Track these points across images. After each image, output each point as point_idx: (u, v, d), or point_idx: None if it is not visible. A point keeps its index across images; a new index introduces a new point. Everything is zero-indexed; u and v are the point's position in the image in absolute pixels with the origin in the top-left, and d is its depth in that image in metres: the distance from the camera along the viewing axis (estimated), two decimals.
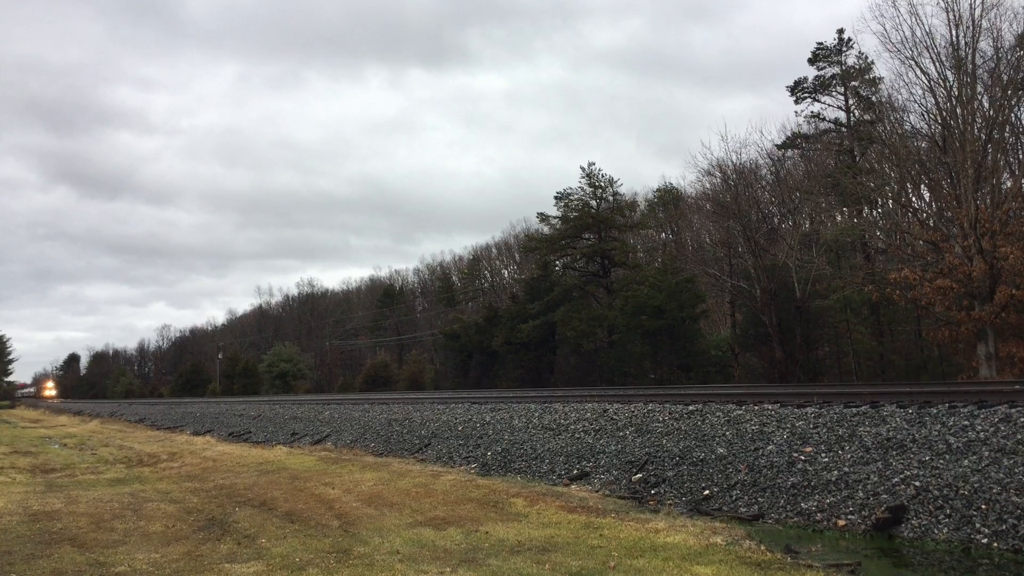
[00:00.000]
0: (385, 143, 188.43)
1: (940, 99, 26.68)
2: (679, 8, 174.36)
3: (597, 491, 11.43)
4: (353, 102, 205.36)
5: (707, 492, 10.53)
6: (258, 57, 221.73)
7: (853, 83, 40.65)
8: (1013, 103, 27.62)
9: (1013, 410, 9.78)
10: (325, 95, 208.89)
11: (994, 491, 8.18)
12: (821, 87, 41.65)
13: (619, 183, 51.83)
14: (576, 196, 51.32)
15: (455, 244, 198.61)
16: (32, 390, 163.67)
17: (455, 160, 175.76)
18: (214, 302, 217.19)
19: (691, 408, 13.94)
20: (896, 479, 9.03)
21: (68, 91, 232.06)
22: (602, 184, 51.04)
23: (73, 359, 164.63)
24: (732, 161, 39.02)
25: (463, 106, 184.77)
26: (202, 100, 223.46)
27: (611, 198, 51.54)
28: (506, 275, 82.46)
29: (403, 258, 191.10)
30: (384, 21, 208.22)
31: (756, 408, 12.92)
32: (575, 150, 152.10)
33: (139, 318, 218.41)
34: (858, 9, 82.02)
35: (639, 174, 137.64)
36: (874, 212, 37.53)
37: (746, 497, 10.04)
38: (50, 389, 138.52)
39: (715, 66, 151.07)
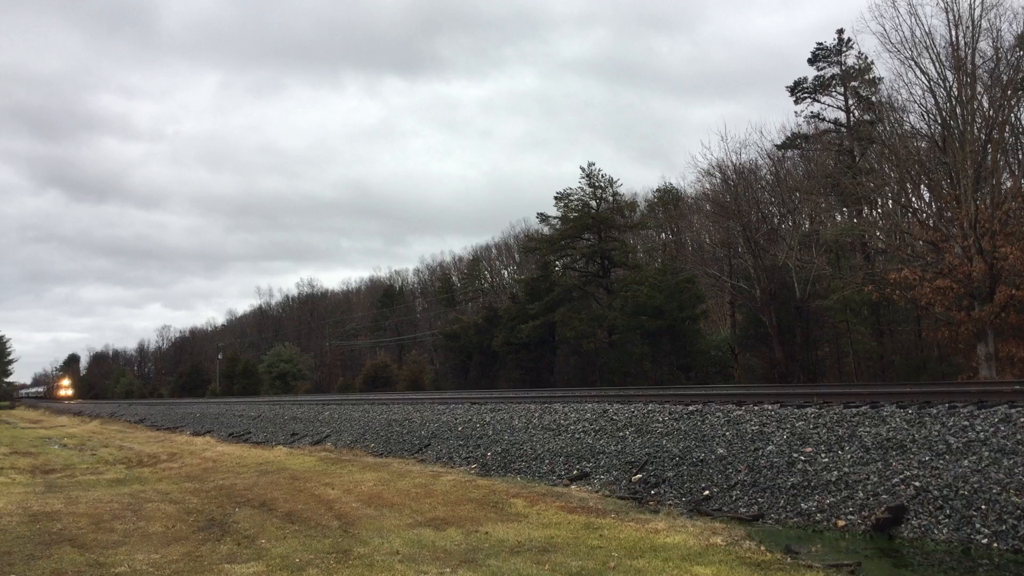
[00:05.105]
0: (368, 148, 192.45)
1: (940, 99, 26.70)
2: (639, 18, 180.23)
3: (597, 491, 11.42)
4: (334, 109, 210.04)
5: (707, 492, 10.53)
6: (238, 66, 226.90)
7: (853, 83, 40.66)
8: (1013, 103, 27.62)
9: (1013, 410, 9.78)
10: (306, 103, 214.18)
11: (994, 491, 8.18)
12: (821, 87, 41.66)
13: (619, 183, 51.93)
14: (576, 196, 51.33)
15: (447, 246, 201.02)
16: (40, 390, 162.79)
17: (438, 165, 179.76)
18: (209, 303, 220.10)
19: (691, 408, 13.94)
20: (896, 479, 9.03)
21: (52, 98, 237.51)
22: (602, 184, 51.05)
23: (73, 360, 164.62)
24: (732, 161, 39.10)
25: (441, 112, 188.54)
26: (186, 108, 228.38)
27: (611, 198, 51.54)
28: (506, 275, 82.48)
29: (396, 260, 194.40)
30: (357, 31, 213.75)
31: (756, 408, 12.91)
32: (555, 155, 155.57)
33: (135, 319, 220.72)
34: (856, 10, 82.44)
35: (622, 178, 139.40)
36: (874, 212, 37.54)
37: (746, 497, 10.04)
38: (66, 388, 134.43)
39: (683, 74, 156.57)
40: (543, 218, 55.00)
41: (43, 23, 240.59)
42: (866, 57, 39.21)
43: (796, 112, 45.99)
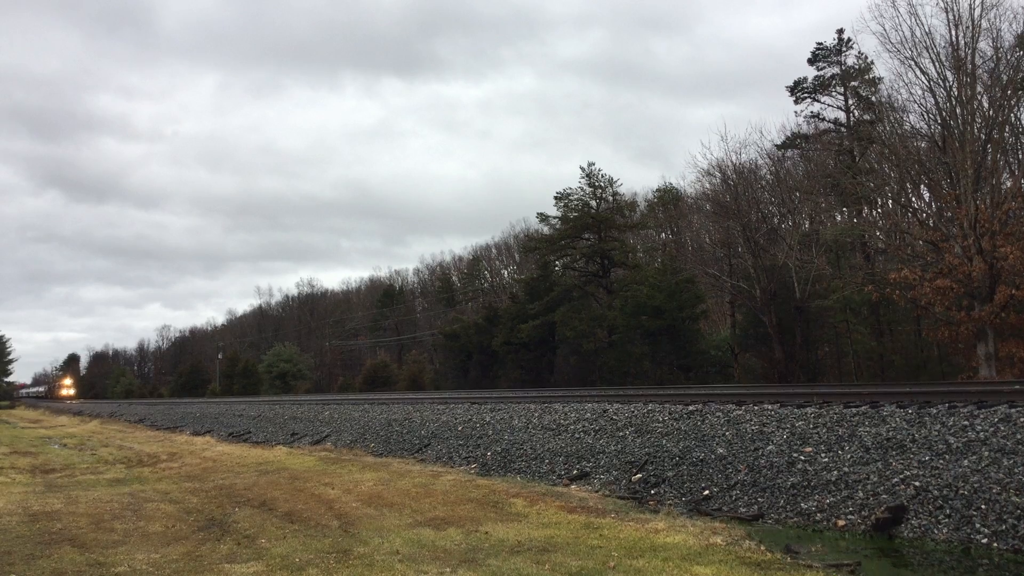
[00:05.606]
0: (367, 149, 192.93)
1: (940, 99, 26.71)
2: (636, 18, 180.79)
3: (597, 491, 11.42)
4: (333, 109, 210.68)
5: (707, 492, 10.53)
6: (237, 67, 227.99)
7: (853, 83, 40.67)
8: (1013, 103, 27.62)
9: (1013, 410, 9.78)
10: (305, 103, 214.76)
11: (994, 491, 8.18)
12: (821, 87, 41.68)
13: (619, 183, 51.93)
14: (576, 196, 51.33)
15: (447, 246, 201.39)
16: (41, 390, 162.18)
17: (437, 165, 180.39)
18: (208, 303, 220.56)
19: (691, 408, 13.93)
20: (896, 479, 9.03)
21: (51, 99, 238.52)
22: (602, 184, 51.06)
23: (73, 360, 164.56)
24: (732, 161, 39.12)
25: (440, 113, 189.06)
26: (185, 108, 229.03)
27: (611, 198, 51.55)
28: (506, 275, 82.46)
29: (395, 260, 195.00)
30: (355, 31, 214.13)
31: (756, 408, 12.91)
32: (554, 156, 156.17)
33: (135, 319, 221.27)
34: (855, 10, 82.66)
35: (621, 178, 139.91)
36: (874, 212, 37.53)
37: (746, 497, 10.04)
38: (68, 388, 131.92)
39: (681, 74, 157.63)
40: (543, 218, 55.03)
41: (42, 23, 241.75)
42: (866, 57, 39.28)
43: (796, 112, 46.11)
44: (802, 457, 10.36)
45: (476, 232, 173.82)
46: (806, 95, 42.13)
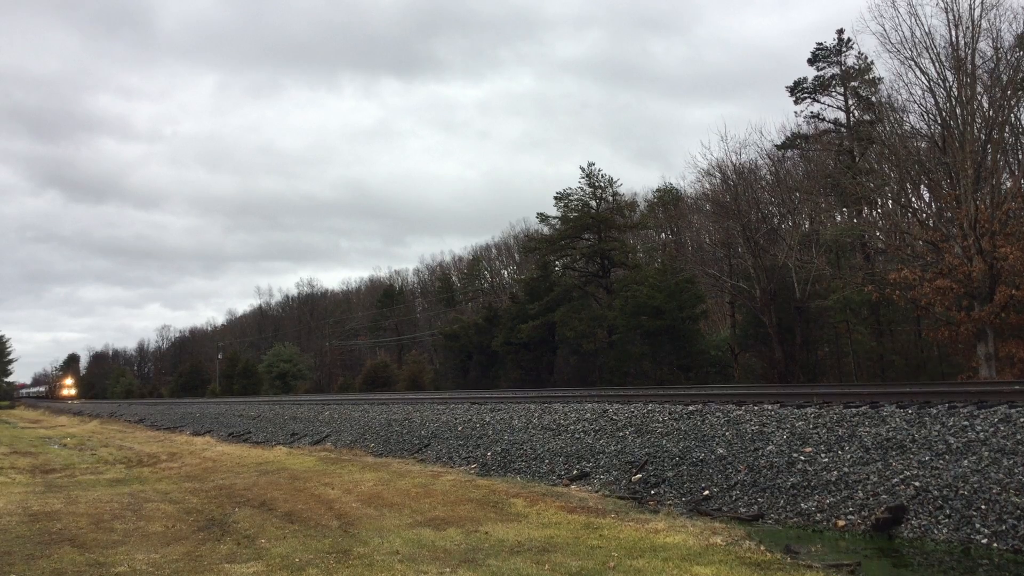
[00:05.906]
0: (366, 149, 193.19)
1: (940, 99, 26.72)
2: (635, 19, 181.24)
3: (597, 491, 11.42)
4: (332, 110, 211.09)
5: (707, 492, 10.53)
6: (236, 67, 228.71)
7: (853, 83, 40.68)
8: (1013, 103, 27.64)
9: (1013, 410, 9.78)
10: (304, 103, 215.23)
11: (994, 491, 8.18)
12: (821, 87, 41.69)
13: (619, 183, 51.94)
14: (576, 196, 51.35)
15: (446, 246, 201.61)
16: (41, 389, 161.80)
17: (436, 165, 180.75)
18: (208, 303, 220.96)
19: (691, 408, 13.94)
20: (896, 479, 9.03)
21: (50, 99, 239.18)
22: (602, 184, 51.07)
23: (73, 360, 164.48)
24: (732, 161, 39.15)
25: (439, 113, 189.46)
26: (184, 108, 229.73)
27: (611, 198, 51.57)
28: (506, 275, 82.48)
29: (395, 260, 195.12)
30: (354, 32, 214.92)
31: (756, 408, 12.92)
32: (553, 156, 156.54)
33: (135, 319, 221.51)
34: (853, 10, 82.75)
35: (620, 179, 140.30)
36: (874, 212, 37.54)
37: (746, 497, 10.04)
38: (69, 388, 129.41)
39: (679, 75, 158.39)
40: (543, 218, 55.04)
41: (41, 24, 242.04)
42: (866, 57, 39.30)
43: (796, 112, 46.17)
44: (802, 457, 10.36)
45: (476, 232, 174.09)
46: (806, 95, 42.15)
